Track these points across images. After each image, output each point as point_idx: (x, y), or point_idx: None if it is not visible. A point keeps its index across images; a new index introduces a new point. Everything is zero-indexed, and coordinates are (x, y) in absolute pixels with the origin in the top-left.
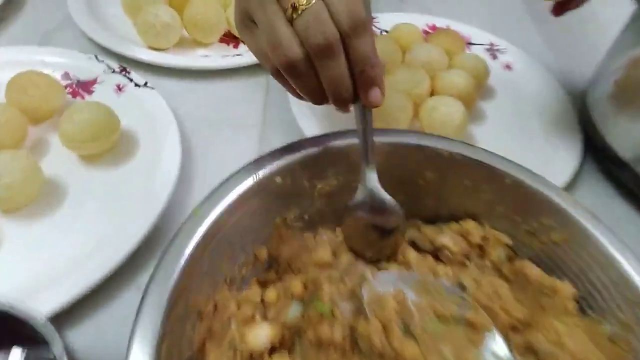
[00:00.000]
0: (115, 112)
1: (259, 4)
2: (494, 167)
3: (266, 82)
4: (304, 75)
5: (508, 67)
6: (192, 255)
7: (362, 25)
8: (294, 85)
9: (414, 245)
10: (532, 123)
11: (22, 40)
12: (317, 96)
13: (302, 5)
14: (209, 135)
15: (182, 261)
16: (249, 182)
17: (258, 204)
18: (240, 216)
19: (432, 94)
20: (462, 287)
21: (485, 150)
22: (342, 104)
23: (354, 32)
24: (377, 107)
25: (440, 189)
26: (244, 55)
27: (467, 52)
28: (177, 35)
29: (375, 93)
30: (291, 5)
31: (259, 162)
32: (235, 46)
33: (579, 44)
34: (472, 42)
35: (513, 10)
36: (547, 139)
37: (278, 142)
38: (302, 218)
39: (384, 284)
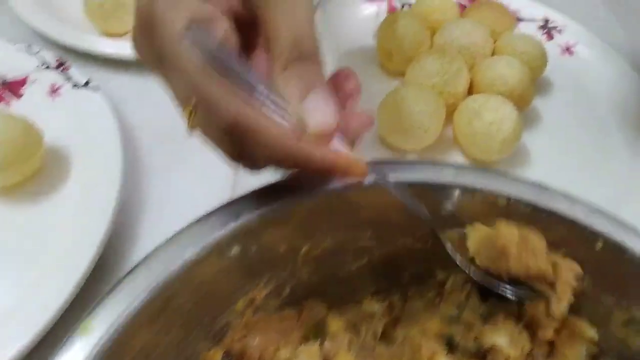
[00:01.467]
0: (46, 123)
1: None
2: (578, 223)
3: None
4: None
5: (568, 50)
6: None
7: None
8: None
9: (449, 344)
10: (605, 127)
11: None
12: None
13: None
14: (170, 151)
15: None
16: (188, 255)
17: (205, 287)
18: (170, 317)
19: (471, 91)
20: None
21: (566, 196)
22: None
23: None
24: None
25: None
26: None
27: (517, 31)
28: (132, 15)
29: None
30: None
31: (207, 222)
32: None
33: None
34: (521, 17)
35: None
36: (630, 149)
37: None
38: (278, 294)
39: None
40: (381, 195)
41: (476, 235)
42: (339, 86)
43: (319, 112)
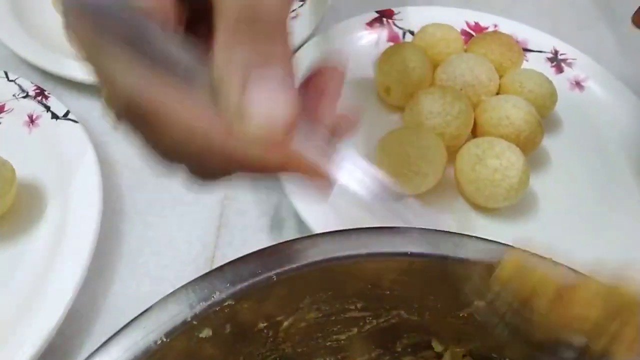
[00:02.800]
0: (20, 156)
1: None
2: None
3: None
4: None
5: (578, 84)
6: None
7: None
8: None
9: None
10: (615, 171)
11: None
12: None
13: None
14: (153, 190)
15: None
16: (152, 340)
17: None
18: None
19: (475, 132)
20: None
21: None
22: None
23: None
24: None
25: None
26: None
27: (524, 66)
28: None
29: None
30: None
31: (174, 301)
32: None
33: None
34: (529, 47)
35: (580, 7)
36: None
37: (252, 209)
38: None
39: None
40: (373, 265)
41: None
42: (317, 84)
43: (268, 101)
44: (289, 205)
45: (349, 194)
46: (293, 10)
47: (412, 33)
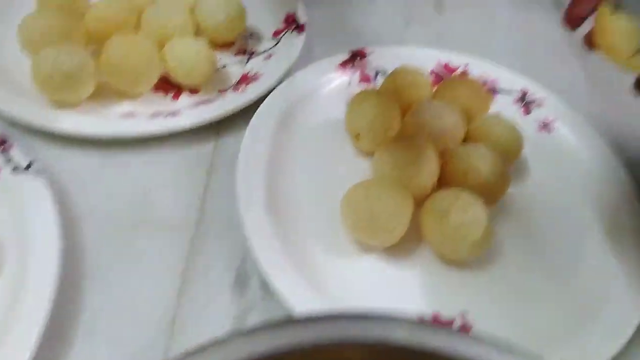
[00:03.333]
0: None
1: None
2: None
3: (211, 155)
4: None
5: (546, 126)
6: None
7: None
8: None
9: None
10: (580, 221)
11: None
12: None
13: None
14: (116, 248)
15: None
16: None
17: None
18: None
19: (441, 182)
20: None
21: None
22: None
23: None
24: None
25: None
26: (183, 114)
27: (494, 106)
28: (88, 87)
29: None
30: None
31: None
32: (176, 96)
33: None
34: (499, 87)
35: (552, 44)
36: (612, 253)
37: (216, 264)
38: None
39: None
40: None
41: None
42: None
43: None
44: (253, 262)
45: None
46: (265, 51)
47: (384, 74)
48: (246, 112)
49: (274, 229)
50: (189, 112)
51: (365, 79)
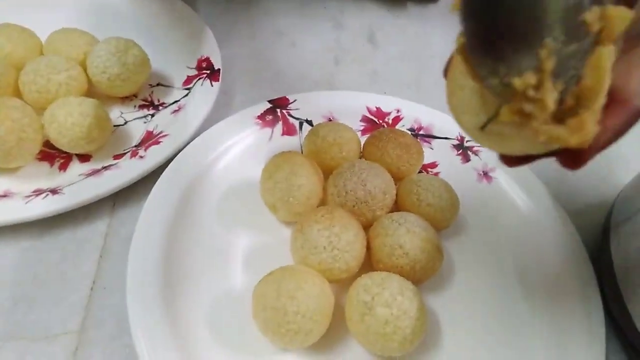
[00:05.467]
0: None
1: None
2: None
3: (104, 237)
4: None
5: (486, 175)
6: None
7: None
8: None
9: None
10: (530, 284)
11: None
12: None
13: None
14: None
15: None
16: None
17: None
18: None
19: (368, 256)
20: None
21: None
22: None
23: None
24: None
25: None
26: (67, 191)
27: (429, 154)
28: None
29: None
30: None
31: None
32: (63, 167)
33: None
34: (434, 134)
35: None
36: (555, 315)
37: None
38: None
39: None
40: None
41: None
42: None
43: None
44: None
45: None
46: (174, 102)
47: (310, 123)
48: (148, 178)
49: (172, 341)
50: (75, 188)
51: (289, 131)
